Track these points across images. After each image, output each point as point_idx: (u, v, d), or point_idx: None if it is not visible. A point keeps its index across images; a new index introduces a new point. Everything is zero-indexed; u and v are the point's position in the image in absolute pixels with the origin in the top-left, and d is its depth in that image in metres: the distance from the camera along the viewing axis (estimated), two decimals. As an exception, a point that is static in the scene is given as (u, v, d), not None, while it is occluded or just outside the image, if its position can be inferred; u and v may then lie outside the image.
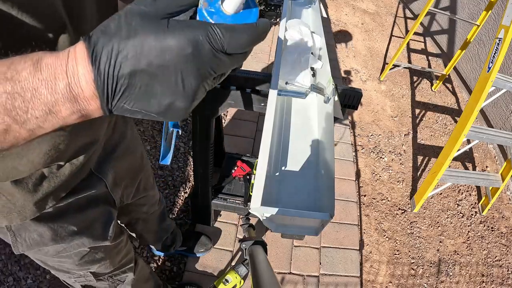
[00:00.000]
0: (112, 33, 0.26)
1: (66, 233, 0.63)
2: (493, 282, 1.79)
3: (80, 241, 0.66)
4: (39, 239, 0.60)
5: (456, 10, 3.10)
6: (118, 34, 0.26)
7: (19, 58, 0.26)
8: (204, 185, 1.35)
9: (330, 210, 0.70)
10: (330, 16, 3.61)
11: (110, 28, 0.27)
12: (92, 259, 0.74)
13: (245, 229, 0.99)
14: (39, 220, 0.58)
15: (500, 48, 1.56)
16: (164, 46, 0.26)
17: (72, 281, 0.80)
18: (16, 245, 0.60)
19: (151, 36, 0.26)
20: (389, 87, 2.87)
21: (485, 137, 1.81)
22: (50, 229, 0.60)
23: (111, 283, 0.89)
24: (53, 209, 0.58)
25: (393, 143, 2.40)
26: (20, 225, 0.57)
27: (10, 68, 0.25)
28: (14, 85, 0.25)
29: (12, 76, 0.25)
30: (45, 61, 0.26)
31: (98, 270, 0.79)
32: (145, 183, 0.93)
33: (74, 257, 0.70)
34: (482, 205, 2.10)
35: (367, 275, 1.69)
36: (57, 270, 0.74)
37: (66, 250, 0.66)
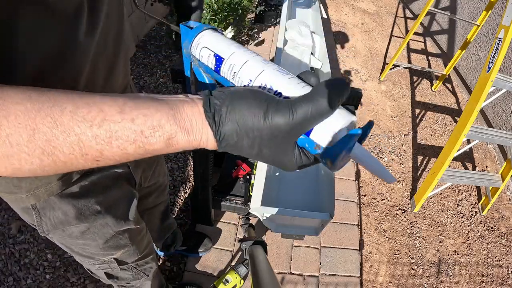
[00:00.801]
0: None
1: (90, 212, 0.64)
2: (493, 282, 1.79)
3: (104, 221, 0.67)
4: (64, 217, 0.61)
5: (456, 10, 3.10)
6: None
7: (159, 116, 0.31)
8: (204, 185, 1.35)
9: (330, 210, 0.70)
10: (330, 16, 3.61)
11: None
12: (117, 244, 0.75)
13: (245, 229, 0.98)
14: (64, 197, 0.59)
15: (500, 48, 1.56)
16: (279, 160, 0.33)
17: (96, 267, 0.80)
18: (41, 225, 0.61)
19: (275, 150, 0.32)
20: (389, 87, 2.87)
21: (485, 137, 1.81)
22: (74, 207, 0.61)
23: (135, 273, 0.89)
24: (78, 187, 0.59)
25: (393, 143, 2.40)
26: (45, 203, 0.58)
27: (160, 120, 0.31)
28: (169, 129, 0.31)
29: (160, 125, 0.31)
30: (180, 138, 0.32)
31: (122, 257, 0.80)
32: (159, 169, 0.95)
33: (98, 240, 0.70)
34: (482, 205, 2.10)
35: (367, 275, 1.69)
36: (81, 255, 0.75)
37: (90, 230, 0.66)
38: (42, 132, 0.28)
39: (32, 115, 0.28)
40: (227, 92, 0.32)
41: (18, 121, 0.28)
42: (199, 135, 0.31)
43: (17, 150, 0.28)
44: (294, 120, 0.30)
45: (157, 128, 0.30)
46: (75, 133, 0.29)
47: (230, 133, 0.31)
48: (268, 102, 0.31)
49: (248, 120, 0.30)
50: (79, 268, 1.46)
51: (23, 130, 0.28)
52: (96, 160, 0.31)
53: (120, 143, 0.30)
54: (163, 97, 0.33)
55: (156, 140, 0.31)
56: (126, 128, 0.30)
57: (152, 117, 0.30)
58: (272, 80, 0.34)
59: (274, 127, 0.30)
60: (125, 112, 0.30)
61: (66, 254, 1.49)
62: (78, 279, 1.43)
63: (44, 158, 0.30)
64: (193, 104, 0.32)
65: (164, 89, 2.32)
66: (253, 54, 0.38)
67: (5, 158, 0.29)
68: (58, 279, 1.42)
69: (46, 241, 1.52)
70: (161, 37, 2.78)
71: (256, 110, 0.30)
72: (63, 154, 0.30)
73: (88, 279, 1.44)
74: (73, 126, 0.29)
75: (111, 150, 0.30)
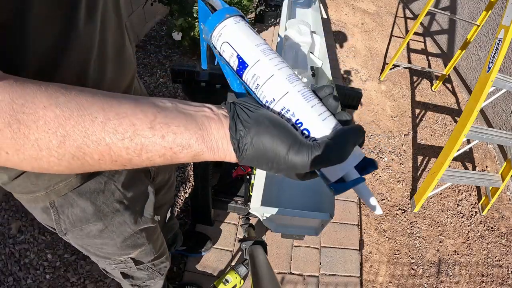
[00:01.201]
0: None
1: (109, 210, 0.64)
2: (493, 282, 1.79)
3: (122, 219, 0.67)
4: (82, 215, 0.61)
5: (456, 10, 3.10)
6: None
7: (188, 134, 0.33)
8: (204, 185, 1.35)
9: (330, 210, 0.70)
10: (330, 16, 3.61)
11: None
12: (134, 243, 0.75)
13: (245, 229, 0.98)
14: (82, 194, 0.59)
15: (500, 48, 1.56)
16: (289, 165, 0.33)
17: (112, 267, 0.80)
18: (59, 223, 0.61)
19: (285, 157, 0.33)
20: (389, 87, 2.87)
21: (485, 137, 1.81)
22: (93, 204, 0.61)
23: (150, 273, 0.89)
24: (96, 183, 0.60)
25: (393, 143, 2.40)
26: (63, 200, 0.58)
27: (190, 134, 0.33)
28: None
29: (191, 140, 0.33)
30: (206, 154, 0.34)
31: (139, 256, 0.80)
32: (170, 167, 0.95)
33: (116, 238, 0.70)
34: (482, 205, 2.10)
35: (367, 275, 1.69)
36: (97, 256, 0.75)
37: (108, 229, 0.66)
38: (72, 139, 0.30)
39: (62, 122, 0.29)
40: (252, 119, 0.33)
41: (48, 127, 0.29)
42: (223, 154, 0.34)
43: (46, 153, 0.30)
44: (310, 164, 0.32)
45: (186, 147, 0.32)
46: (106, 143, 0.30)
47: (251, 158, 0.33)
48: (290, 143, 0.32)
49: (268, 155, 0.33)
50: (79, 268, 1.46)
51: (53, 136, 0.29)
52: (123, 165, 0.33)
53: (150, 156, 0.32)
54: (189, 110, 0.34)
55: (184, 155, 0.33)
56: (156, 144, 0.32)
57: (182, 136, 0.32)
58: (295, 107, 0.35)
59: (291, 166, 0.33)
60: (155, 129, 0.31)
61: (66, 254, 1.49)
62: (78, 279, 1.43)
63: (73, 162, 0.31)
64: (220, 125, 0.33)
65: (164, 89, 2.32)
66: (279, 65, 0.37)
67: (33, 160, 0.30)
68: (58, 279, 1.42)
69: (46, 241, 1.52)
70: (161, 37, 2.78)
71: (278, 149, 0.32)
72: (93, 160, 0.31)
73: (88, 279, 1.44)
74: (105, 136, 0.30)
75: (139, 159, 0.32)
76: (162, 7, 2.49)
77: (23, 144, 0.29)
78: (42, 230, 1.54)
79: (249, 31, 0.38)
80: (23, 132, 0.28)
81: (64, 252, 1.50)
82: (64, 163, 0.31)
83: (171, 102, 0.34)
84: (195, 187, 1.40)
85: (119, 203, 0.65)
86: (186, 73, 0.98)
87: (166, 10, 2.87)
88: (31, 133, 0.29)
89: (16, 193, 0.56)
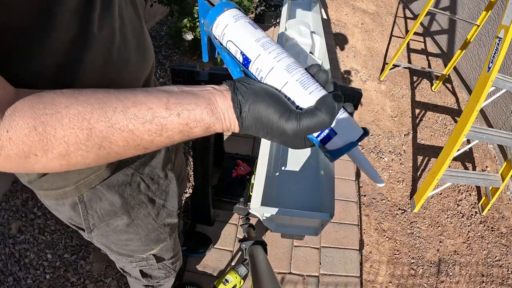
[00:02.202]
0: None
1: (135, 202, 0.65)
2: (493, 282, 1.79)
3: (146, 211, 0.69)
4: (110, 208, 0.62)
5: (456, 10, 3.10)
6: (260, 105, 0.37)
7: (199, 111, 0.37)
8: (204, 185, 1.35)
9: (330, 210, 0.70)
10: (330, 16, 3.61)
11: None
12: (157, 238, 0.76)
13: (245, 229, 0.99)
14: (111, 187, 0.60)
15: (500, 48, 1.56)
16: (281, 131, 0.37)
17: (132, 266, 0.81)
18: (87, 219, 0.61)
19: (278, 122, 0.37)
20: (389, 87, 2.87)
21: (485, 137, 1.81)
22: (121, 196, 0.62)
23: (167, 271, 0.90)
24: (123, 176, 0.61)
25: (393, 143, 2.40)
26: (92, 194, 0.58)
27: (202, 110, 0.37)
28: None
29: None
30: (216, 126, 0.38)
31: (160, 252, 0.81)
32: (179, 157, 0.95)
33: (141, 232, 0.71)
34: (482, 205, 2.10)
35: (367, 275, 1.69)
36: (120, 254, 0.75)
37: (134, 223, 0.68)
38: (98, 131, 0.32)
39: (87, 116, 0.32)
40: (250, 90, 0.38)
41: (73, 123, 0.31)
42: (229, 123, 0.38)
43: (74, 149, 0.32)
44: (298, 130, 0.36)
45: (200, 121, 0.37)
46: (130, 129, 0.34)
47: (250, 124, 0.38)
48: (282, 111, 0.37)
49: (263, 121, 0.37)
50: (79, 268, 1.46)
51: (79, 131, 0.31)
52: (145, 148, 0.36)
53: (169, 134, 0.36)
54: (194, 90, 0.38)
55: (199, 129, 0.37)
56: (173, 122, 0.35)
57: (195, 112, 0.36)
58: (295, 95, 0.39)
59: (282, 131, 0.37)
60: (171, 109, 0.35)
61: (66, 254, 1.49)
62: (78, 279, 1.43)
63: (99, 152, 0.34)
64: (224, 97, 0.38)
65: (164, 89, 2.32)
66: (278, 57, 0.40)
67: (61, 157, 0.32)
68: (58, 279, 1.42)
69: (46, 241, 1.52)
70: (161, 37, 2.78)
71: (270, 115, 0.36)
72: (118, 147, 0.34)
73: (88, 279, 1.44)
74: (127, 123, 0.33)
75: (160, 139, 0.36)
76: (162, 7, 2.49)
77: (51, 144, 0.31)
78: (42, 230, 1.54)
79: (248, 27, 0.41)
80: (49, 132, 0.30)
81: (64, 252, 1.50)
82: (91, 155, 0.33)
83: (176, 86, 0.38)
84: (195, 187, 1.40)
85: (144, 195, 0.67)
86: (186, 73, 0.98)
87: (166, 10, 2.87)
88: (57, 132, 0.31)
89: (43, 190, 0.55)
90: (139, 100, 0.34)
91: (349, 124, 0.40)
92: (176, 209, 0.77)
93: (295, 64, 0.40)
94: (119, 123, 0.33)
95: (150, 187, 0.68)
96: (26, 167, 0.32)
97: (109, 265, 1.48)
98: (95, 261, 1.49)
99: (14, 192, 1.63)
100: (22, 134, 0.29)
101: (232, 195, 1.49)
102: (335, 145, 0.39)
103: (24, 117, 0.29)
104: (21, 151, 0.30)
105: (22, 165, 0.31)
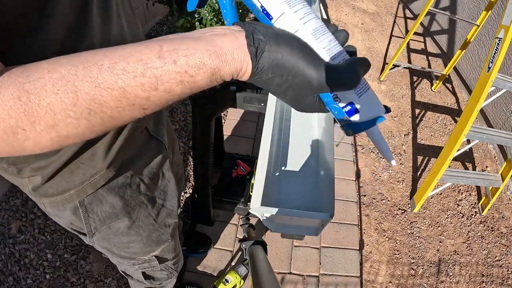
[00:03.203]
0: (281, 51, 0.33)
1: (135, 203, 0.65)
2: (493, 282, 1.79)
3: (147, 212, 0.68)
4: (111, 211, 0.61)
5: (456, 10, 3.10)
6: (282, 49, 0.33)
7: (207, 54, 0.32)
8: (204, 185, 1.35)
9: (330, 210, 0.70)
10: (330, 16, 3.61)
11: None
12: (159, 239, 0.75)
13: (245, 229, 0.98)
14: (111, 189, 0.59)
15: (500, 48, 1.56)
16: (306, 77, 0.33)
17: (135, 268, 0.81)
18: (88, 222, 0.61)
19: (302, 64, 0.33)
20: (389, 87, 2.87)
21: (485, 137, 1.81)
22: (121, 198, 0.62)
23: (169, 272, 0.90)
24: (123, 178, 0.61)
25: (393, 143, 2.40)
26: (93, 197, 0.58)
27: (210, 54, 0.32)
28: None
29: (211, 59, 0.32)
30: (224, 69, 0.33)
31: (162, 253, 0.80)
32: (175, 157, 0.95)
33: (142, 233, 0.70)
34: (482, 205, 2.10)
35: (367, 275, 1.69)
36: (122, 257, 0.75)
37: (135, 224, 0.67)
38: (85, 93, 0.28)
39: (70, 79, 0.28)
40: (272, 31, 0.33)
41: (57, 88, 0.28)
42: (240, 65, 0.32)
43: (62, 116, 0.29)
44: (325, 81, 0.33)
45: (201, 67, 0.31)
46: (119, 86, 0.29)
47: (267, 68, 0.32)
48: (310, 58, 0.33)
49: (286, 65, 0.32)
50: (79, 268, 1.46)
51: (64, 95, 0.28)
52: (143, 109, 0.32)
53: (167, 87, 0.31)
54: (195, 34, 0.33)
55: (201, 77, 0.32)
56: (169, 71, 0.30)
57: (193, 57, 0.31)
58: None
59: (307, 79, 0.33)
60: (164, 57, 0.30)
61: (66, 254, 1.49)
62: (78, 279, 1.43)
63: (91, 118, 0.30)
64: (233, 37, 0.32)
65: (164, 89, 2.33)
66: (304, 18, 0.35)
67: (50, 128, 0.29)
68: (58, 279, 1.42)
69: (46, 241, 1.52)
70: (161, 37, 2.78)
71: (298, 61, 0.32)
72: (111, 109, 0.30)
73: (88, 279, 1.44)
74: (116, 80, 0.29)
75: (157, 94, 0.31)
76: (162, 7, 2.49)
77: (37, 114, 0.28)
78: (42, 230, 1.54)
79: None
80: (34, 101, 0.28)
81: (64, 252, 1.50)
82: (82, 122, 0.30)
83: (176, 34, 0.33)
84: (195, 187, 1.40)
85: (144, 196, 0.66)
86: (186, 73, 0.98)
87: (166, 10, 2.87)
88: (42, 100, 0.28)
89: (47, 196, 0.55)
90: (127, 53, 0.30)
91: (373, 98, 0.38)
92: (176, 208, 0.77)
93: (323, 28, 0.36)
94: (106, 81, 0.29)
95: (150, 187, 0.68)
96: (16, 146, 0.29)
97: (109, 265, 1.48)
98: (95, 261, 1.49)
99: (14, 192, 1.63)
100: (8, 106, 0.27)
101: (232, 195, 1.49)
102: (358, 118, 0.37)
103: (8, 88, 0.27)
104: (8, 125, 0.27)
105: (11, 144, 0.29)
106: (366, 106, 0.37)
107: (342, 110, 0.37)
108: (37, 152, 0.30)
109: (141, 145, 0.64)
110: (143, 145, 0.65)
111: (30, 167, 0.49)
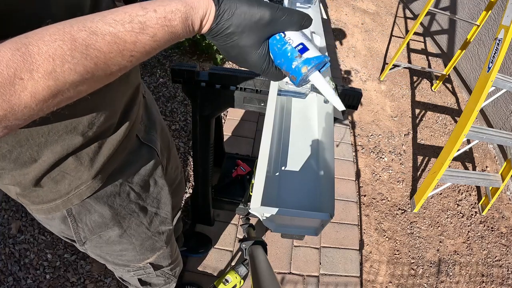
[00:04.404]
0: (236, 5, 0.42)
1: (126, 212, 0.64)
2: (493, 282, 1.79)
3: (139, 220, 0.68)
4: (101, 220, 0.61)
5: (456, 10, 3.10)
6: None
7: None
8: (204, 185, 1.35)
9: (330, 210, 0.69)
10: (330, 16, 3.61)
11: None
12: (153, 247, 0.75)
13: (245, 229, 0.98)
14: (99, 199, 0.59)
15: (500, 48, 1.56)
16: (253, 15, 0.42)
17: (130, 275, 0.80)
18: (78, 232, 0.60)
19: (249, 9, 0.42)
20: (389, 87, 2.87)
21: (485, 137, 1.81)
22: (110, 208, 0.61)
23: (167, 278, 0.89)
24: (112, 186, 0.60)
25: (393, 143, 2.40)
26: (81, 207, 0.57)
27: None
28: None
29: None
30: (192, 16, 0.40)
31: (157, 260, 0.80)
32: (172, 161, 0.94)
33: (135, 242, 0.70)
34: (482, 205, 2.10)
35: (367, 275, 1.69)
36: (116, 264, 0.74)
37: (127, 233, 0.66)
38: (81, 39, 0.32)
39: (67, 29, 0.32)
40: None
41: (55, 37, 0.31)
42: (205, 9, 0.40)
43: (60, 62, 0.31)
44: (276, 16, 0.42)
45: (176, 12, 0.38)
46: (110, 32, 0.34)
47: (226, 8, 0.40)
48: (267, 3, 0.42)
49: (244, 5, 0.41)
50: (79, 268, 1.46)
51: (62, 42, 0.31)
52: (131, 56, 0.37)
53: (151, 31, 0.37)
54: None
55: (178, 22, 0.38)
56: (152, 18, 0.36)
57: (170, 5, 0.38)
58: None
59: (261, 14, 0.41)
60: (146, 8, 0.36)
61: (66, 254, 1.49)
62: (78, 279, 1.43)
63: (87, 64, 0.33)
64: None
65: (164, 89, 2.32)
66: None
67: (48, 75, 0.31)
68: (58, 279, 1.42)
69: (46, 241, 1.52)
70: (161, 37, 2.78)
71: (255, 4, 0.41)
72: (104, 54, 0.34)
73: (88, 279, 1.44)
74: (108, 27, 0.34)
75: (144, 38, 0.36)
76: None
77: (35, 62, 0.30)
78: (42, 230, 1.54)
79: None
80: (33, 50, 0.30)
81: (64, 252, 1.50)
82: (79, 68, 0.32)
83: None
84: (195, 187, 1.40)
85: (134, 204, 0.65)
86: (186, 73, 0.98)
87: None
88: (41, 48, 0.30)
89: (35, 204, 0.54)
90: (115, 10, 0.36)
91: (315, 46, 0.48)
92: (170, 216, 0.76)
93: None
94: (100, 29, 0.33)
95: (141, 195, 0.67)
96: (13, 100, 0.29)
97: (109, 265, 1.48)
98: (95, 261, 1.49)
99: (14, 192, 1.63)
100: (6, 58, 0.28)
101: (232, 195, 1.49)
102: (309, 55, 0.46)
103: (6, 45, 0.29)
104: (5, 76, 0.28)
105: (8, 98, 0.29)
106: (313, 47, 0.47)
107: (295, 49, 0.46)
108: (33, 108, 0.31)
109: (131, 152, 0.63)
110: (133, 152, 0.64)
111: (11, 174, 0.48)
